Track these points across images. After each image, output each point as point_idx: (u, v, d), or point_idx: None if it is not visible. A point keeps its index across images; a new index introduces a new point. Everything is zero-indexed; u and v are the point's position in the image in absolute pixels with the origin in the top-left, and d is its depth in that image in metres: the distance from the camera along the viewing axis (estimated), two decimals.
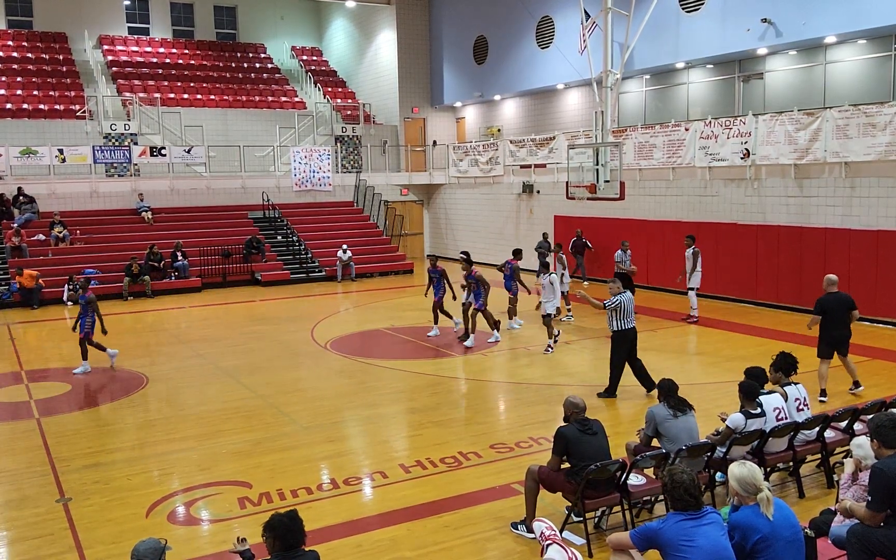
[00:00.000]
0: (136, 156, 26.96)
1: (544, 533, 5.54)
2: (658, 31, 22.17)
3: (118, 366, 14.29)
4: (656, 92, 25.04)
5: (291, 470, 9.05)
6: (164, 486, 8.74)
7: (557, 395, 11.64)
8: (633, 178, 22.01)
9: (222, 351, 15.74)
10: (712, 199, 20.43)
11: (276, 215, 28.21)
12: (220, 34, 38.07)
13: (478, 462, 9.16)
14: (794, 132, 18.08)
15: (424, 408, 11.54)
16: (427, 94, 33.83)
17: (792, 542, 5.15)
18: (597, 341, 15.80)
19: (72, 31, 34.14)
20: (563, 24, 26.14)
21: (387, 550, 7.07)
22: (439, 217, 32.69)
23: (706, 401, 10.78)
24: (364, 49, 36.02)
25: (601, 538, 7.01)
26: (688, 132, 20.77)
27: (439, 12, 32.77)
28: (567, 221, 25.05)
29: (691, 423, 7.53)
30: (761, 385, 7.99)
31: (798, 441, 8.03)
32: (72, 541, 7.39)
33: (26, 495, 8.51)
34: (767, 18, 19.62)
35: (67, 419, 11.38)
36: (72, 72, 32.41)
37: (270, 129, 30.76)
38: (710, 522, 5.03)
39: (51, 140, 26.50)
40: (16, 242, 23.43)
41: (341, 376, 13.58)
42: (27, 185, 25.20)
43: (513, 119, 30.90)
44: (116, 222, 26.15)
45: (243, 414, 11.41)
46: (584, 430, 7.03)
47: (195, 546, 7.25)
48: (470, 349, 15.27)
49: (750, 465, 5.31)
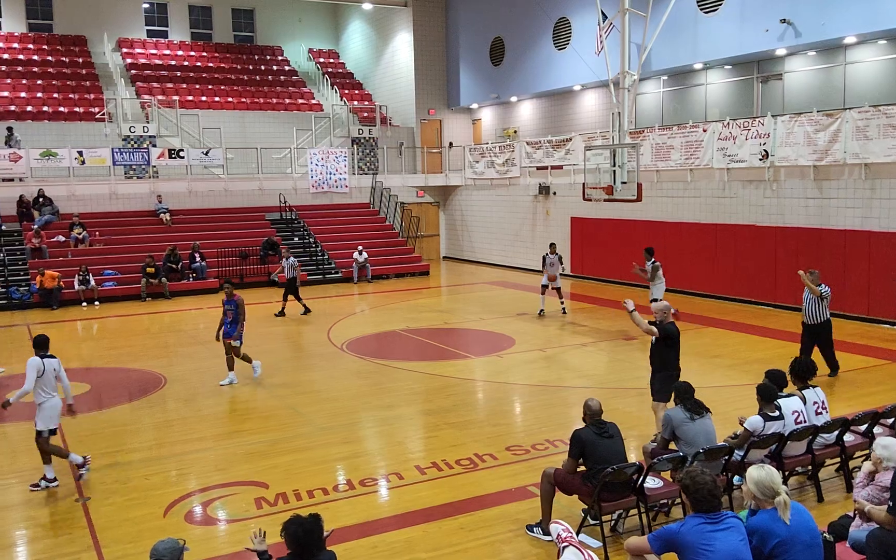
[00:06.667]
0: (155, 158, 27.15)
1: (561, 535, 5.52)
2: (676, 32, 22.05)
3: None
4: (674, 93, 24.92)
5: (308, 470, 9.08)
6: (181, 485, 8.79)
7: (574, 398, 11.62)
8: (650, 179, 21.91)
9: None
10: (730, 201, 20.30)
11: (293, 217, 28.32)
12: (238, 37, 38.27)
13: (493, 464, 9.15)
14: (814, 133, 17.93)
15: (440, 409, 11.54)
16: (443, 96, 33.84)
17: (810, 546, 5.10)
18: (613, 343, 15.74)
19: (91, 34, 34.45)
20: (579, 26, 26.06)
21: (402, 552, 7.07)
22: (455, 219, 32.70)
23: (724, 404, 10.71)
24: (381, 51, 36.09)
25: (618, 541, 6.98)
26: (706, 133, 20.66)
27: (456, 14, 32.78)
28: (584, 223, 24.98)
29: (708, 426, 7.47)
30: (780, 388, 7.93)
31: (817, 444, 7.96)
32: (90, 540, 7.45)
33: (46, 494, 8.59)
34: (786, 19, 19.46)
35: (86, 419, 11.46)
36: (91, 75, 32.69)
37: (288, 131, 30.88)
38: (729, 527, 4.98)
39: (70, 142, 26.74)
40: (36, 244, 23.66)
41: (357, 377, 13.61)
42: (47, 186, 25.45)
43: (529, 120, 30.85)
44: (135, 224, 26.35)
45: (260, 414, 11.47)
46: (600, 433, 7.00)
47: (212, 546, 7.28)
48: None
49: (768, 468, 5.27)
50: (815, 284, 12.10)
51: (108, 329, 19.34)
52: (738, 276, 19.93)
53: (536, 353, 15.17)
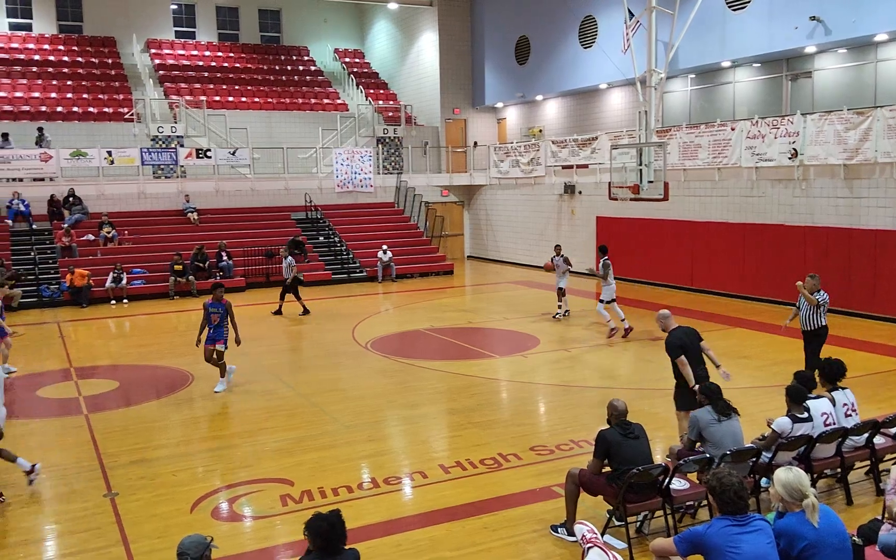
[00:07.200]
0: (183, 158, 27.42)
1: (585, 536, 5.49)
2: (703, 30, 21.85)
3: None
4: (701, 91, 24.70)
5: (332, 468, 9.12)
6: (208, 482, 8.87)
7: (599, 398, 11.55)
8: (677, 178, 21.73)
9: (265, 350, 15.93)
10: (759, 200, 20.08)
11: (319, 216, 28.46)
12: (264, 37, 38.53)
13: (518, 464, 9.13)
14: (844, 132, 17.68)
15: (464, 409, 11.53)
16: (468, 95, 33.82)
17: (839, 549, 5.03)
18: (639, 343, 15.63)
19: (120, 35, 34.85)
20: (606, 24, 25.92)
21: (426, 550, 7.08)
22: (480, 218, 32.67)
23: (752, 405, 10.59)
24: (406, 50, 36.15)
25: (643, 543, 6.93)
26: (734, 132, 20.45)
27: (481, 13, 32.74)
28: (609, 222, 24.84)
29: (736, 427, 7.39)
30: (809, 390, 7.83)
31: (846, 447, 7.85)
32: (118, 535, 7.53)
33: (75, 490, 8.71)
34: (816, 16, 19.21)
35: (115, 416, 11.61)
36: (120, 75, 33.09)
37: (313, 131, 31.03)
38: (757, 529, 4.94)
39: (100, 142, 27.07)
40: (66, 242, 24.01)
41: (382, 376, 13.64)
42: (77, 186, 25.80)
43: (554, 119, 30.74)
44: (163, 223, 26.65)
45: (285, 412, 11.53)
46: (625, 434, 6.96)
47: (238, 542, 7.34)
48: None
49: (796, 470, 5.21)
50: (815, 289, 11.72)
51: (137, 327, 19.58)
52: (767, 277, 19.70)
53: (561, 353, 15.11)
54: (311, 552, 5.00)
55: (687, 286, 21.96)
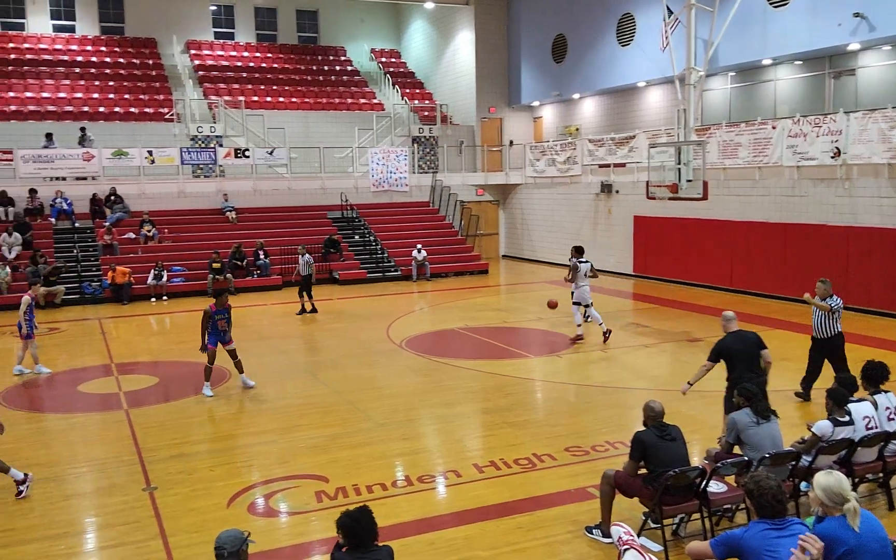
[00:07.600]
0: (221, 157, 27.75)
1: (622, 537, 5.46)
2: (743, 27, 21.54)
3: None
4: (741, 89, 24.34)
5: (367, 466, 9.16)
6: (244, 477, 8.96)
7: (634, 399, 11.45)
8: (716, 177, 21.44)
9: (300, 347, 16.05)
10: (800, 200, 19.73)
11: (354, 215, 28.61)
12: (301, 38, 38.85)
13: (552, 464, 9.08)
14: (889, 130, 17.30)
15: (499, 408, 11.51)
16: (504, 94, 33.74)
17: (880, 555, 4.92)
18: (677, 344, 15.47)
19: (161, 36, 35.42)
20: (644, 21, 25.69)
21: (460, 549, 7.07)
22: (515, 217, 32.57)
23: (792, 408, 10.42)
24: (442, 50, 36.18)
25: (679, 545, 6.86)
26: (775, 130, 20.11)
27: (518, 12, 32.64)
28: (647, 222, 24.61)
29: (775, 430, 7.27)
30: (851, 393, 7.68)
31: (888, 451, 7.68)
32: (157, 528, 7.65)
33: (115, 483, 8.86)
34: (860, 12, 18.83)
35: (154, 411, 11.80)
36: (161, 76, 33.61)
37: (349, 130, 31.21)
38: (795, 533, 4.85)
39: (141, 142, 27.51)
40: (107, 240, 24.46)
41: (416, 374, 13.67)
42: (119, 185, 26.25)
43: (591, 118, 30.53)
44: (202, 221, 27.00)
45: (320, 409, 11.61)
46: (662, 436, 6.88)
47: (274, 537, 7.41)
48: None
49: (837, 474, 5.10)
50: (826, 294, 11.41)
51: (176, 324, 19.87)
52: (808, 278, 19.30)
53: (597, 354, 15.00)
54: (344, 549, 5.02)
55: (726, 287, 21.66)
